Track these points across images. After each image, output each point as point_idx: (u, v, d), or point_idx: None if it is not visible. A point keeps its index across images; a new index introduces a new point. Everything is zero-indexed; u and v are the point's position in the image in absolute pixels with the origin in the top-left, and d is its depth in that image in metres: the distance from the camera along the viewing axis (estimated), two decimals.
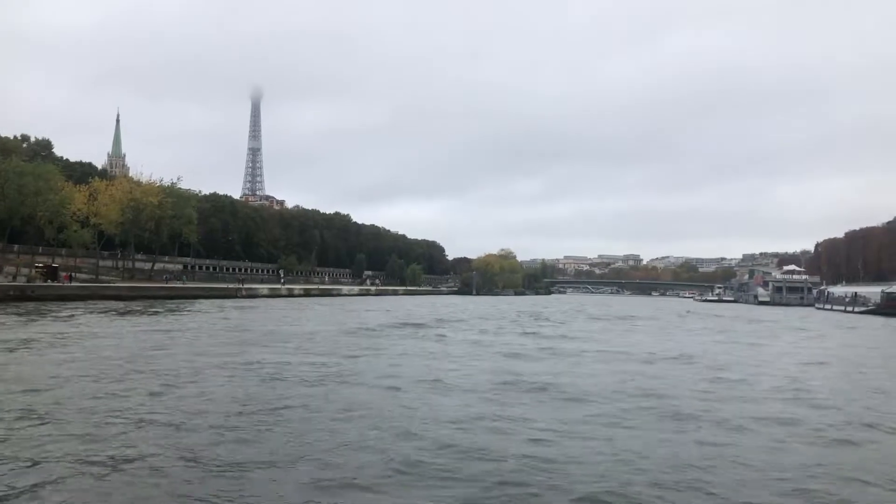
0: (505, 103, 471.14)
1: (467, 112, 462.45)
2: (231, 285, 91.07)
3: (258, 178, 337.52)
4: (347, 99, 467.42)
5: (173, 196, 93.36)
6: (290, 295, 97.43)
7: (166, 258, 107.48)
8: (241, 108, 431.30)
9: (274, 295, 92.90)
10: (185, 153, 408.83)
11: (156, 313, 46.17)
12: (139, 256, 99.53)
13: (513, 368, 21.12)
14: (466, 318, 55.43)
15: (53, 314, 40.91)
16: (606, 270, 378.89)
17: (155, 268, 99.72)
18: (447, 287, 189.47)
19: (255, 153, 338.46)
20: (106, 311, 45.32)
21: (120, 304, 54.87)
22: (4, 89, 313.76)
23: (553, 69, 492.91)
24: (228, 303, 67.86)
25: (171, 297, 70.93)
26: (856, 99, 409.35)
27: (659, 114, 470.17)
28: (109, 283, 76.64)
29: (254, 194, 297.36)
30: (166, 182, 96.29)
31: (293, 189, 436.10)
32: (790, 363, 25.33)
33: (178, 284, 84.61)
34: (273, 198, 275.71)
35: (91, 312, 43.89)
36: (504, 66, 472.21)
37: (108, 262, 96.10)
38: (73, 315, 40.72)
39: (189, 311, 51.04)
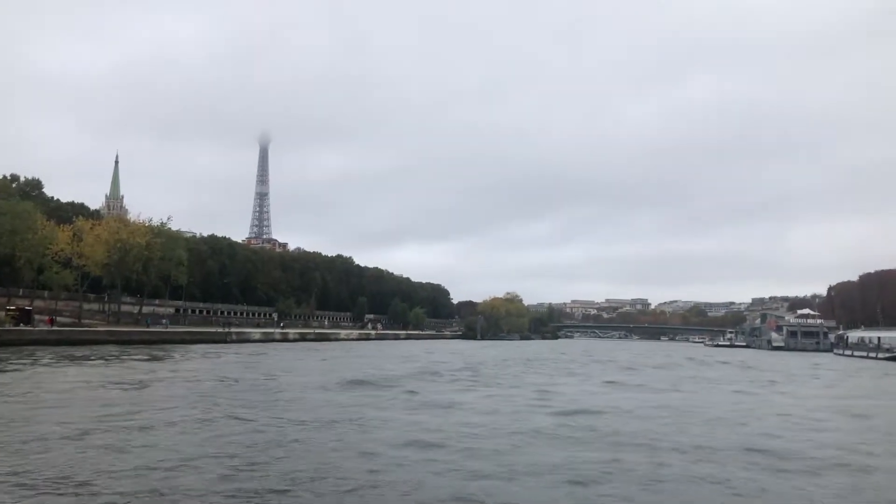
0: (516, 146, 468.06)
1: (477, 155, 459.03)
2: (220, 329, 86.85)
3: (265, 222, 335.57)
4: (357, 143, 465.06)
5: (162, 237, 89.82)
6: (285, 339, 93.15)
7: (157, 301, 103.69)
8: (250, 152, 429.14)
9: (267, 339, 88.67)
10: (195, 198, 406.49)
11: (122, 360, 42.13)
12: (127, 299, 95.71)
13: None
14: (476, 367, 50.42)
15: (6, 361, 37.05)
16: (614, 315, 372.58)
17: (143, 311, 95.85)
18: (451, 331, 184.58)
19: (262, 197, 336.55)
20: (65, 358, 41.34)
21: (85, 351, 50.80)
22: (16, 132, 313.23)
23: (565, 112, 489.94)
24: (214, 348, 63.73)
25: (153, 342, 66.88)
26: (872, 142, 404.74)
27: (672, 157, 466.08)
28: (91, 326, 72.80)
29: (259, 238, 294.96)
30: (156, 222, 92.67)
31: (300, 233, 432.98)
32: None
33: (160, 329, 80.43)
34: (276, 240, 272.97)
35: (54, 359, 40.05)
36: (517, 108, 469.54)
37: (94, 305, 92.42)
38: (27, 363, 36.86)
39: (165, 357, 47.10)
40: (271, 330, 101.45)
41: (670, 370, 53.68)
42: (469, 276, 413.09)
